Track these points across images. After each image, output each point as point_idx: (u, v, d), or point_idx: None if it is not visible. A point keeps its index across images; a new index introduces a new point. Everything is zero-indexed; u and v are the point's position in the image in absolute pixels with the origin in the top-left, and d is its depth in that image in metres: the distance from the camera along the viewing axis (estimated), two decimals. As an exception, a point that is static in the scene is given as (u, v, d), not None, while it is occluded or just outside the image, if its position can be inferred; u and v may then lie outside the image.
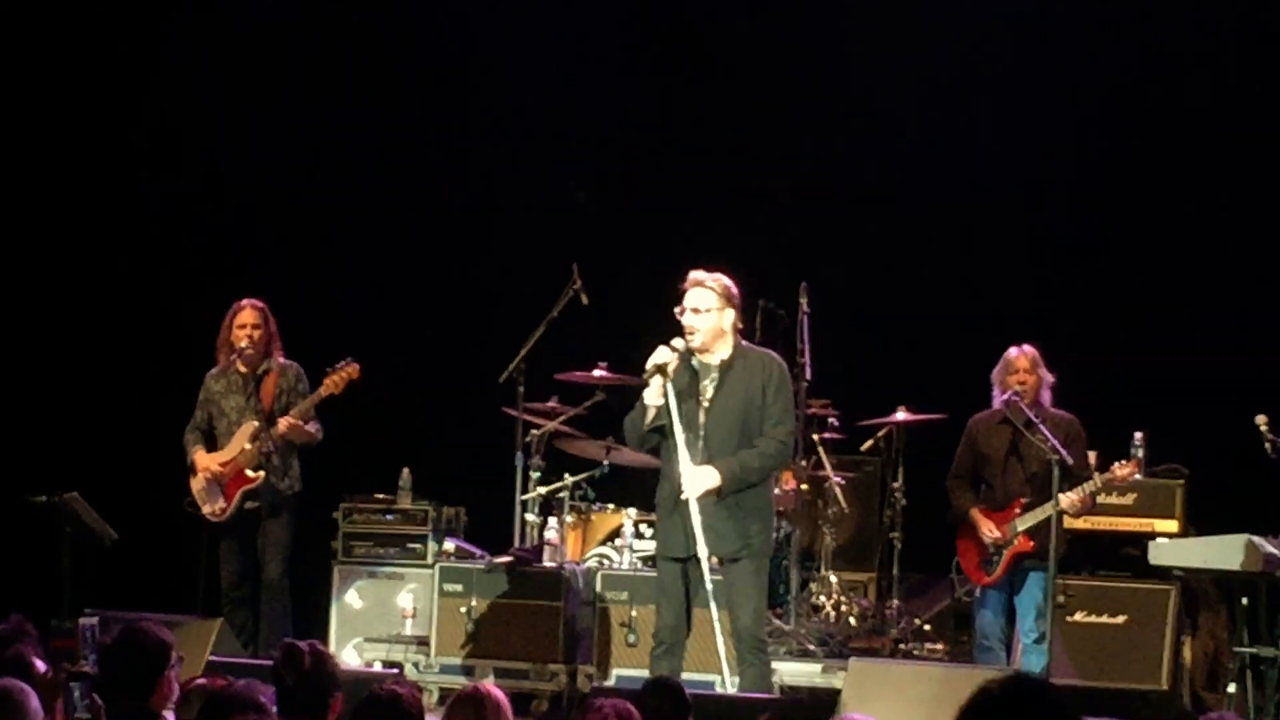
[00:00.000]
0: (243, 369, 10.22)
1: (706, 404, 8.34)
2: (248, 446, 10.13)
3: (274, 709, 5.26)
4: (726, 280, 8.40)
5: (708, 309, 8.33)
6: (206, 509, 10.23)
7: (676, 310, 8.35)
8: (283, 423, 10.07)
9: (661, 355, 8.27)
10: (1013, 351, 9.61)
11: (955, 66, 12.03)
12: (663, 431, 8.33)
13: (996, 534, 9.45)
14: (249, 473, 10.15)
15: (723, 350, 8.39)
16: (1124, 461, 9.44)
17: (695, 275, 8.41)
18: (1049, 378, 9.58)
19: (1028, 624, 9.45)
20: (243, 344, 10.17)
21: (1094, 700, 9.55)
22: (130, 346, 12.42)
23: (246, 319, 10.23)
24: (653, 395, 8.28)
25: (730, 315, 8.38)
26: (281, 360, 10.30)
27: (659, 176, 12.34)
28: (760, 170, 12.20)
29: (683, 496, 8.18)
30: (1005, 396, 9.48)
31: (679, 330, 8.35)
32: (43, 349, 12.47)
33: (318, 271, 12.32)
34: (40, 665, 5.84)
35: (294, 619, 10.30)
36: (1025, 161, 11.82)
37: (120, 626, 5.64)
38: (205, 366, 10.44)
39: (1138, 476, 9.72)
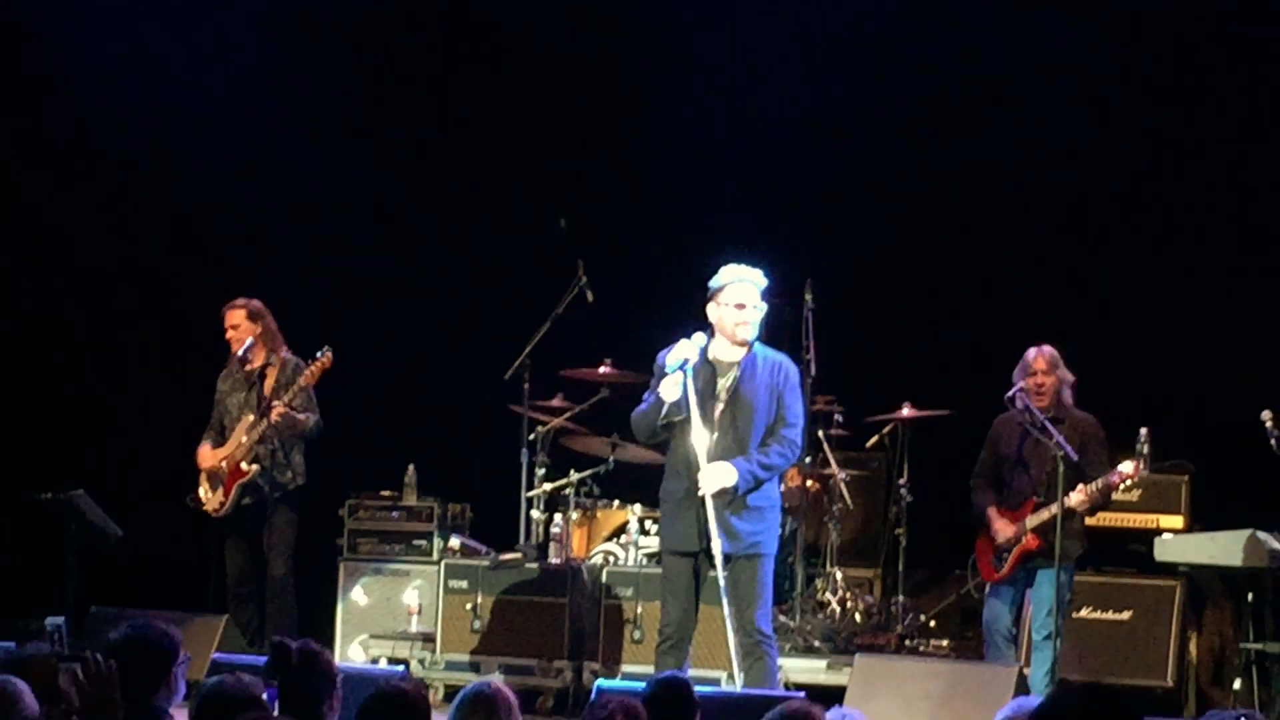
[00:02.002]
0: (241, 367, 10.28)
1: (724, 401, 8.32)
2: (244, 440, 10.19)
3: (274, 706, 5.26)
4: None
5: (756, 305, 8.34)
6: (209, 505, 10.26)
7: (732, 304, 8.30)
8: (275, 410, 10.08)
9: (685, 350, 8.25)
10: (1031, 352, 9.56)
11: (958, 63, 12.00)
12: (673, 427, 8.32)
13: (1008, 533, 9.42)
14: (244, 465, 10.19)
15: (742, 347, 8.38)
16: (1129, 460, 9.40)
17: (738, 269, 8.38)
18: (1069, 377, 9.52)
19: (1038, 621, 9.41)
20: (233, 345, 10.25)
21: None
22: (135, 344, 12.41)
23: (228, 319, 10.35)
24: (670, 390, 8.25)
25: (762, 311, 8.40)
26: (284, 355, 10.33)
27: (663, 172, 12.32)
28: (765, 165, 12.19)
29: (700, 492, 8.16)
30: (1011, 394, 9.44)
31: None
32: (48, 347, 12.46)
33: (323, 269, 12.30)
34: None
35: (299, 616, 10.33)
36: (1031, 155, 11.80)
37: (127, 623, 5.63)
38: (210, 364, 10.48)
39: (1143, 472, 9.70)
